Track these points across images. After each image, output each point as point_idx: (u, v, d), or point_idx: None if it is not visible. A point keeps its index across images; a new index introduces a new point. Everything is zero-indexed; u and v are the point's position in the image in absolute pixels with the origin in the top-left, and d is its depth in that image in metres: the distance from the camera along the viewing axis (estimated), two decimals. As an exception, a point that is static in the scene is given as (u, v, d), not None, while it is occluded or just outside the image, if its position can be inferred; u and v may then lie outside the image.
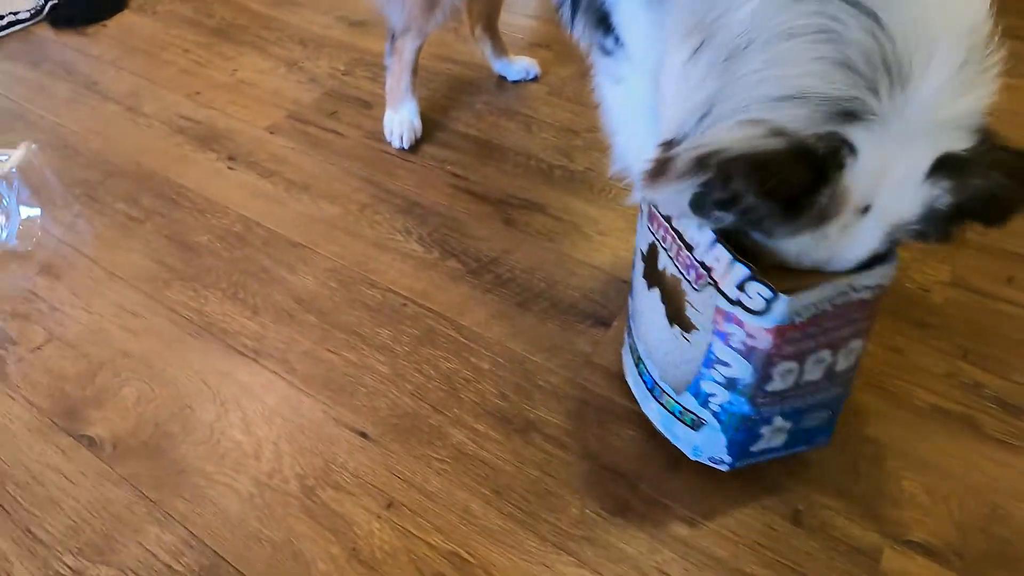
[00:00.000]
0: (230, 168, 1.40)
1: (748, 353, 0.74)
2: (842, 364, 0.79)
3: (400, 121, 1.44)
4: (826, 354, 0.77)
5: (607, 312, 1.10)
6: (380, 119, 1.48)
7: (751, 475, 0.89)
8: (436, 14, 1.32)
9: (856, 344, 0.78)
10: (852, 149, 0.60)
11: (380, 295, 1.14)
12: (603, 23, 0.89)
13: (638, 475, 0.90)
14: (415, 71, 1.43)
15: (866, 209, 0.64)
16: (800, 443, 0.86)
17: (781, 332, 0.71)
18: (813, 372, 0.78)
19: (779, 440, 0.84)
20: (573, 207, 1.29)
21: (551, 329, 1.08)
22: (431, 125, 1.48)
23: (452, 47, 1.73)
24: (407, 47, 1.40)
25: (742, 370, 0.76)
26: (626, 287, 1.12)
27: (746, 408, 0.79)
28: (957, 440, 0.93)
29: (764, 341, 0.72)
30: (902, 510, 0.86)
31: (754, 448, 0.84)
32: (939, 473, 0.90)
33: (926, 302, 1.12)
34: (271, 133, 1.49)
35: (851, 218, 0.64)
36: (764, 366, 0.75)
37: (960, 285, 1.14)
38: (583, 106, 1.52)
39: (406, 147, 1.43)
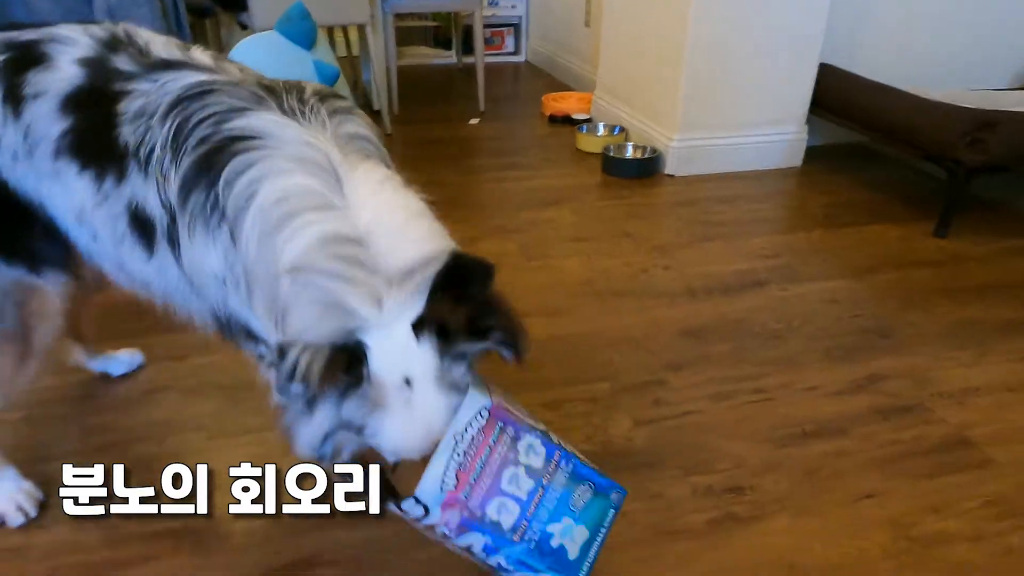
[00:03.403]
0: None
1: (462, 529, 0.82)
2: (536, 462, 0.85)
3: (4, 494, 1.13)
4: (508, 472, 0.83)
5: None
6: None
7: None
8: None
9: (529, 450, 0.85)
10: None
11: None
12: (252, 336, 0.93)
13: None
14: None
15: (408, 381, 0.75)
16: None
17: (451, 503, 0.80)
18: (516, 487, 0.84)
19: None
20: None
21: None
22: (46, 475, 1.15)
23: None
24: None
25: (480, 536, 0.83)
26: None
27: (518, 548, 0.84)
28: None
29: (453, 516, 0.81)
30: None
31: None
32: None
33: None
34: None
35: (404, 391, 0.75)
36: (478, 521, 0.82)
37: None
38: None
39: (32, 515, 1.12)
